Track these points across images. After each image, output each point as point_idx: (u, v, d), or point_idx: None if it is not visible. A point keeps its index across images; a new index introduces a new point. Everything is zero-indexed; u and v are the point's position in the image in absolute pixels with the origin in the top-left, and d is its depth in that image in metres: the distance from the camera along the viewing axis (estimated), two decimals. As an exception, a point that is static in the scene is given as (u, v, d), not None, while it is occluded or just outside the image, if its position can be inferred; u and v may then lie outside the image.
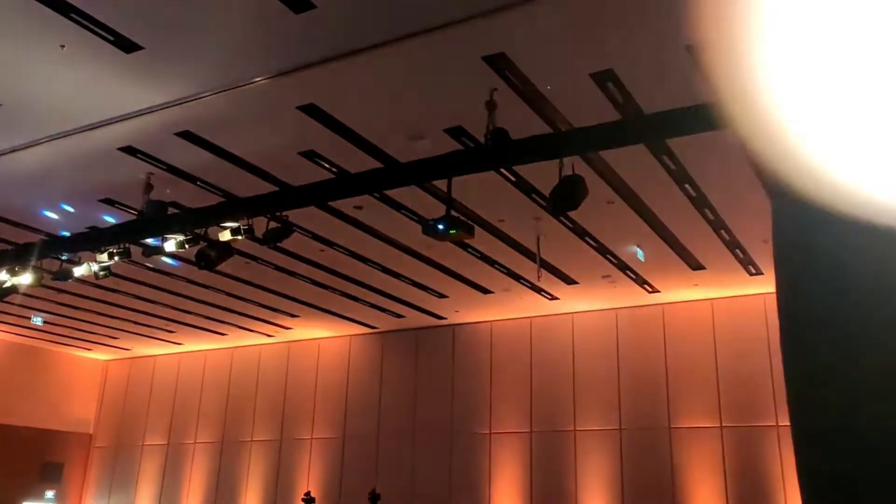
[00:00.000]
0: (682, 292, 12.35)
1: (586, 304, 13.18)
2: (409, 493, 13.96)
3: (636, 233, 9.82)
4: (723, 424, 12.04)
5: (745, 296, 12.19)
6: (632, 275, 11.52)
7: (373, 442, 14.86)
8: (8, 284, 9.22)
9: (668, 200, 8.83)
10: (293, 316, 14.41)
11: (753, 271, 11.20)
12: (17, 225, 9.85)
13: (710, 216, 9.25)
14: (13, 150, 7.91)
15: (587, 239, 10.11)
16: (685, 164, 7.92)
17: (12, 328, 15.52)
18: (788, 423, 0.98)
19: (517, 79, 6.47)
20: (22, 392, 16.90)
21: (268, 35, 5.99)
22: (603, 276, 11.67)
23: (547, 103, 6.83)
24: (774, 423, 11.51)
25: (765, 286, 11.72)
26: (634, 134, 6.22)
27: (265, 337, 16.12)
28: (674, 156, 7.71)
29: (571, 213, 8.92)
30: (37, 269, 9.05)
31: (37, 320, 14.40)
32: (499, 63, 6.26)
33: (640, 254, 10.36)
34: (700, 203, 8.88)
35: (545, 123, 7.08)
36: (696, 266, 11.08)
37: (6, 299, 9.71)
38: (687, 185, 8.41)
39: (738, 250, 10.36)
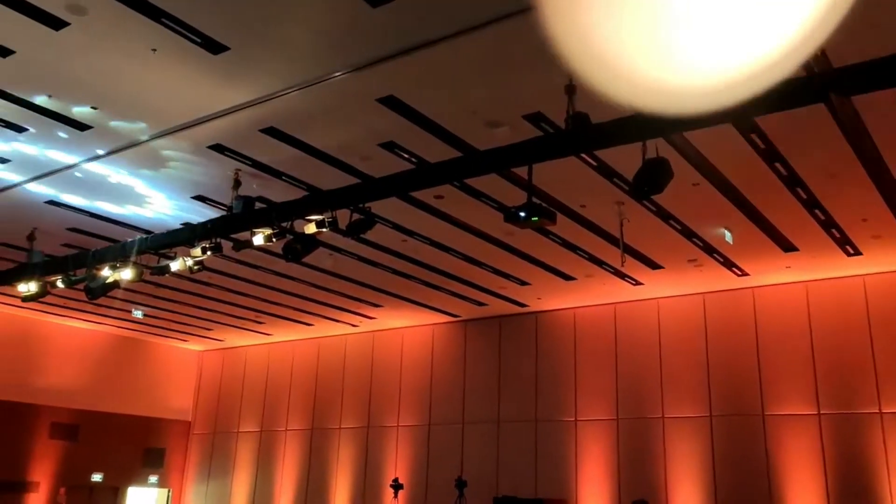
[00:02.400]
0: (773, 275, 11.89)
1: (672, 289, 12.86)
2: (494, 481, 14.02)
3: (723, 215, 9.51)
4: (821, 412, 11.54)
5: (842, 277, 11.64)
6: (719, 258, 11.16)
7: (458, 429, 14.99)
8: (111, 280, 9.73)
9: (757, 180, 8.50)
10: (377, 306, 14.65)
11: (851, 252, 10.66)
12: (115, 223, 10.38)
13: (803, 195, 8.85)
14: (111, 153, 8.32)
15: (672, 222, 9.85)
16: (775, 142, 7.60)
17: (116, 321, 16.39)
18: (894, 410, 0.93)
19: (597, 61, 6.34)
20: (125, 382, 17.86)
21: (346, 30, 6.08)
22: (689, 260, 11.36)
23: (628, 85, 6.67)
24: (878, 411, 10.96)
25: (864, 267, 11.16)
26: (720, 113, 5.99)
27: (350, 327, 16.47)
28: (763, 134, 7.40)
29: (655, 197, 8.72)
30: (136, 265, 9.50)
31: (137, 313, 15.18)
32: (578, 46, 6.15)
33: (727, 236, 10.02)
34: (792, 182, 8.50)
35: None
36: (788, 247, 10.63)
37: (109, 294, 10.24)
38: (777, 164, 8.07)
39: (833, 230, 9.88)
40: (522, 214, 6.90)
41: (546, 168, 7.02)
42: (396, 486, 14.35)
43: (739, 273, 11.85)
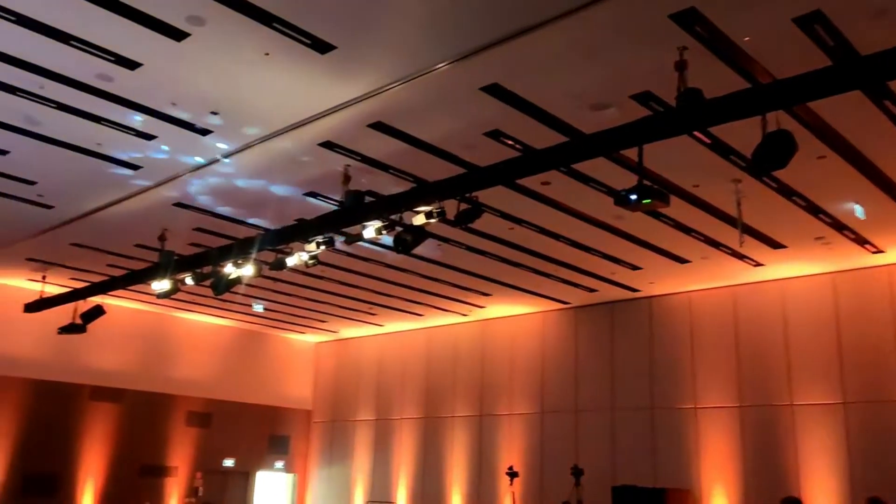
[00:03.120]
0: (912, 251, 11.04)
1: (797, 270, 12.18)
2: (610, 469, 13.78)
3: (853, 188, 8.90)
4: (971, 398, 10.62)
5: None
6: (850, 235, 10.46)
7: (571, 417, 14.84)
8: (233, 276, 10.25)
9: (893, 150, 7.90)
10: (486, 295, 14.70)
11: None
12: (236, 222, 10.91)
13: (945, 163, 8.16)
14: (230, 154, 8.74)
15: (795, 198, 9.32)
16: (912, 107, 7.03)
17: (239, 315, 17.28)
18: None
19: (709, 34, 6.07)
20: (250, 373, 18.80)
21: (448, 20, 6.09)
22: (816, 238, 10.71)
23: (744, 56, 6.35)
24: None
25: None
26: (849, 79, 5.58)
27: (460, 316, 16.61)
28: (897, 99, 6.87)
29: (776, 172, 8.26)
30: (256, 262, 9.96)
31: (258, 308, 15.92)
32: (688, 19, 5.90)
33: (859, 211, 9.37)
34: (932, 149, 7.85)
35: (743, 79, 6.60)
36: (929, 221, 9.83)
37: (232, 290, 10.78)
38: (915, 131, 7.47)
39: (982, 200, 9.06)
40: (633, 197, 6.71)
41: (657, 148, 6.78)
42: (512, 474, 14.36)
43: (874, 250, 11.06)
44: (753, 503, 12.11)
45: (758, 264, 11.96)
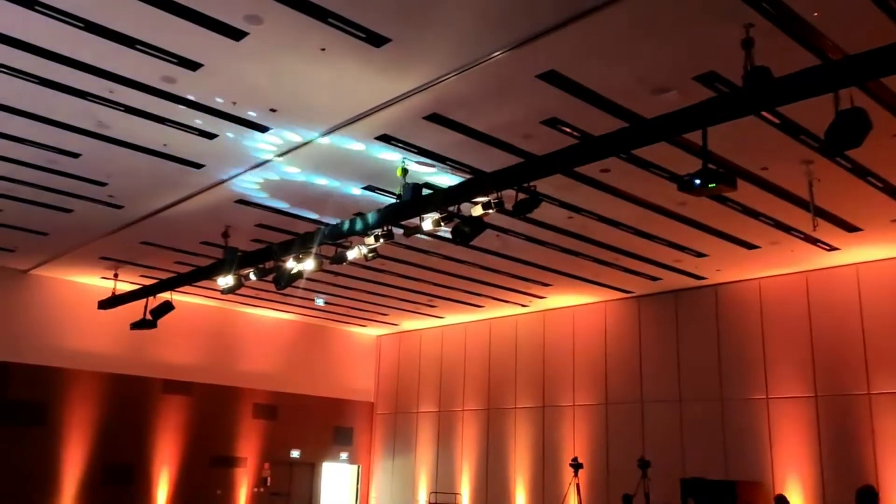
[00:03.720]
0: None
1: (874, 253, 11.66)
2: (680, 461, 13.50)
3: (934, 166, 8.46)
4: None
5: None
6: (930, 216, 9.96)
7: (637, 408, 14.59)
8: (295, 271, 10.40)
9: (977, 124, 7.46)
10: (546, 285, 14.56)
11: None
12: (297, 217, 11.06)
13: None
14: (288, 151, 8.85)
15: (870, 178, 8.91)
16: None
17: (301, 310, 17.57)
18: None
19: (777, 10, 5.82)
20: (313, 366, 19.12)
21: (501, 8, 6.01)
22: (893, 220, 10.22)
23: (814, 32, 6.08)
24: None
25: None
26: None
27: (520, 307, 16.51)
28: (983, 70, 6.46)
29: (849, 152, 7.92)
30: (317, 256, 10.08)
31: (319, 301, 16.17)
32: (754, -5, 5.68)
33: (939, 191, 8.90)
34: None
35: (813, 55, 6.32)
36: None
37: (294, 284, 10.94)
38: None
39: None
40: (698, 182, 6.51)
41: (721, 131, 6.58)
42: (576, 466, 14.22)
43: (955, 231, 10.51)
44: (829, 495, 11.69)
45: (832, 248, 11.50)
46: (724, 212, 10.11)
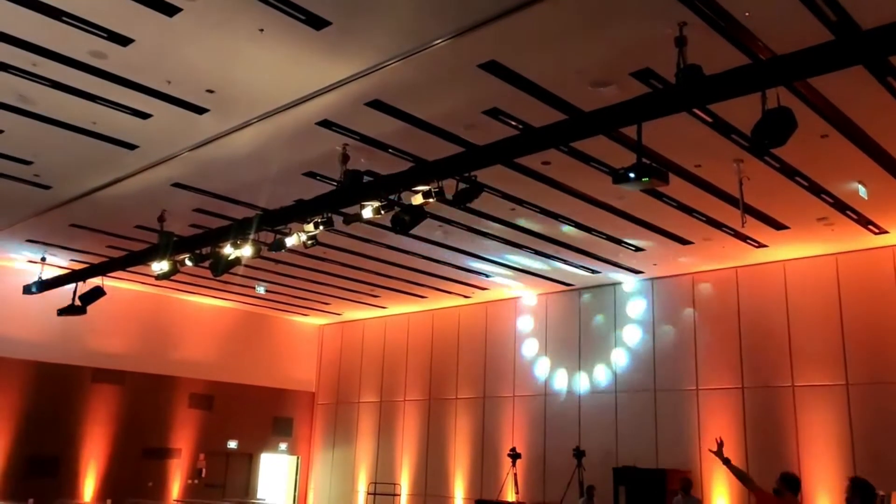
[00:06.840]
0: (916, 232, 10.93)
1: (800, 251, 12.10)
2: (613, 451, 13.79)
3: (856, 167, 8.80)
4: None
5: None
6: (853, 215, 10.37)
7: (573, 399, 14.83)
8: (232, 257, 10.20)
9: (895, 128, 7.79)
10: (487, 276, 14.65)
11: None
12: (234, 202, 10.85)
13: (950, 142, 8.04)
14: (228, 133, 8.66)
15: (797, 178, 9.22)
16: (917, 84, 6.91)
17: (241, 297, 17.28)
18: None
19: (709, 9, 5.96)
20: (253, 355, 18.84)
21: (444, -4, 5.99)
22: (818, 219, 10.61)
23: (745, 32, 6.24)
24: None
25: None
26: (851, 54, 5.47)
27: (463, 298, 16.58)
28: (902, 75, 6.75)
29: (778, 152, 8.18)
30: (255, 242, 9.91)
31: (259, 289, 15.92)
32: (688, -6, 5.80)
33: (862, 191, 9.27)
34: (937, 128, 7.73)
35: (743, 55, 6.49)
36: (934, 201, 9.72)
37: (232, 271, 10.74)
38: (919, 108, 7.35)
39: None
40: (632, 175, 6.61)
41: (657, 127, 6.71)
42: (514, 455, 14.41)
43: (877, 231, 10.96)
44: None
45: (761, 245, 11.88)
46: (660, 207, 10.34)
